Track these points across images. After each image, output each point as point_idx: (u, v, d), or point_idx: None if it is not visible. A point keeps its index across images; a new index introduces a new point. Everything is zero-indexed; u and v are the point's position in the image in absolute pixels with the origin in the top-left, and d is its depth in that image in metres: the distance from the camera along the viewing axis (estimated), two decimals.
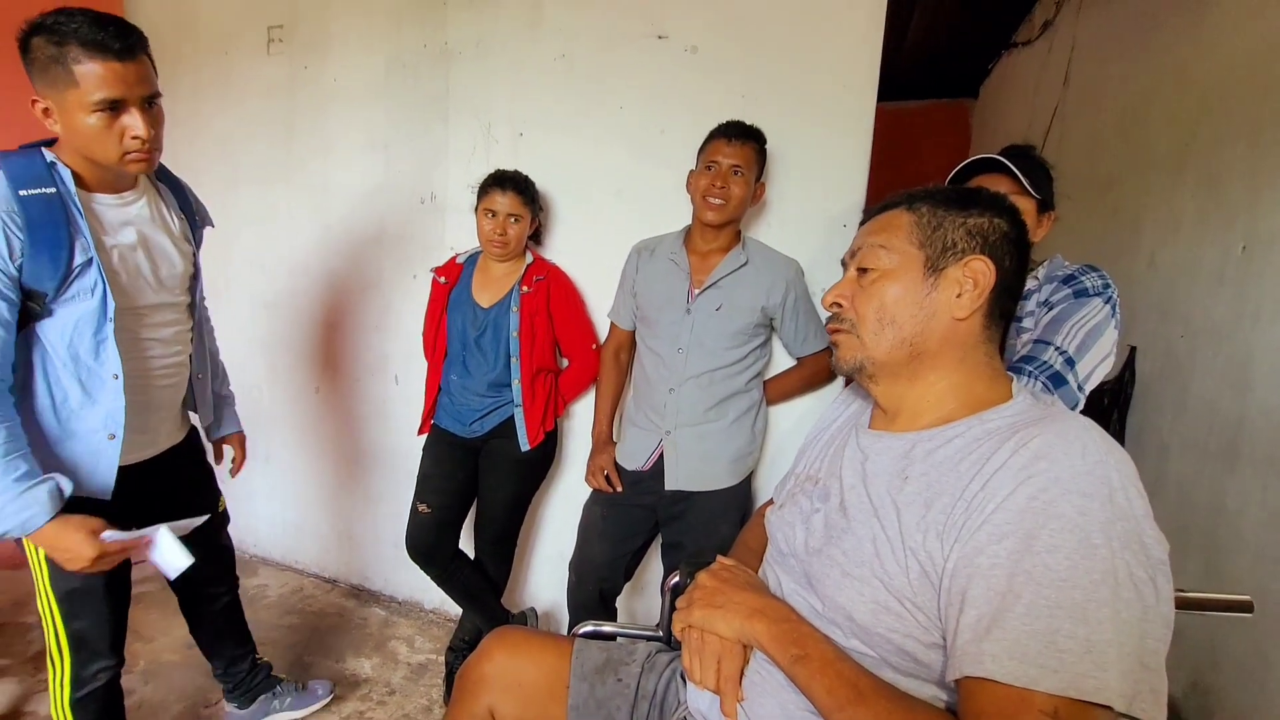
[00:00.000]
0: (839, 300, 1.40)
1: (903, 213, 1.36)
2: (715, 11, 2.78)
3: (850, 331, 1.38)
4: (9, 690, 2.99)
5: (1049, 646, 0.99)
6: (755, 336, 2.61)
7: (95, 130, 1.80)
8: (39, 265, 1.78)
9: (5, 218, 1.73)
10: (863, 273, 1.37)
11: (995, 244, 1.30)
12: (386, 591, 3.92)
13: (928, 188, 1.40)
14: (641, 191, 3.01)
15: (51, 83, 1.76)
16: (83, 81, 1.74)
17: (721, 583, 1.48)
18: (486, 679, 1.69)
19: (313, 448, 4.05)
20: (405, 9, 3.37)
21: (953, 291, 1.28)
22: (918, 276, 1.30)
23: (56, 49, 1.72)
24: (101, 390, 1.94)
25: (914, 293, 1.30)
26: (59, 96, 1.77)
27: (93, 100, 1.76)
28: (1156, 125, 3.51)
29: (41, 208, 1.78)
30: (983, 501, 1.10)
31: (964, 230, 1.30)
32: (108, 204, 1.97)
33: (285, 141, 3.81)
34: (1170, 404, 3.20)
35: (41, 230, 1.77)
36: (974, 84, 7.66)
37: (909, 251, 1.32)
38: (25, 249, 1.75)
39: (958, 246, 1.29)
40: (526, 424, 2.88)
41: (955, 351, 1.30)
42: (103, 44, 1.73)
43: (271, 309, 3.97)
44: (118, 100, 1.79)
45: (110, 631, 2.14)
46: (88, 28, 1.73)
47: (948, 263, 1.29)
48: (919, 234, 1.32)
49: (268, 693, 2.82)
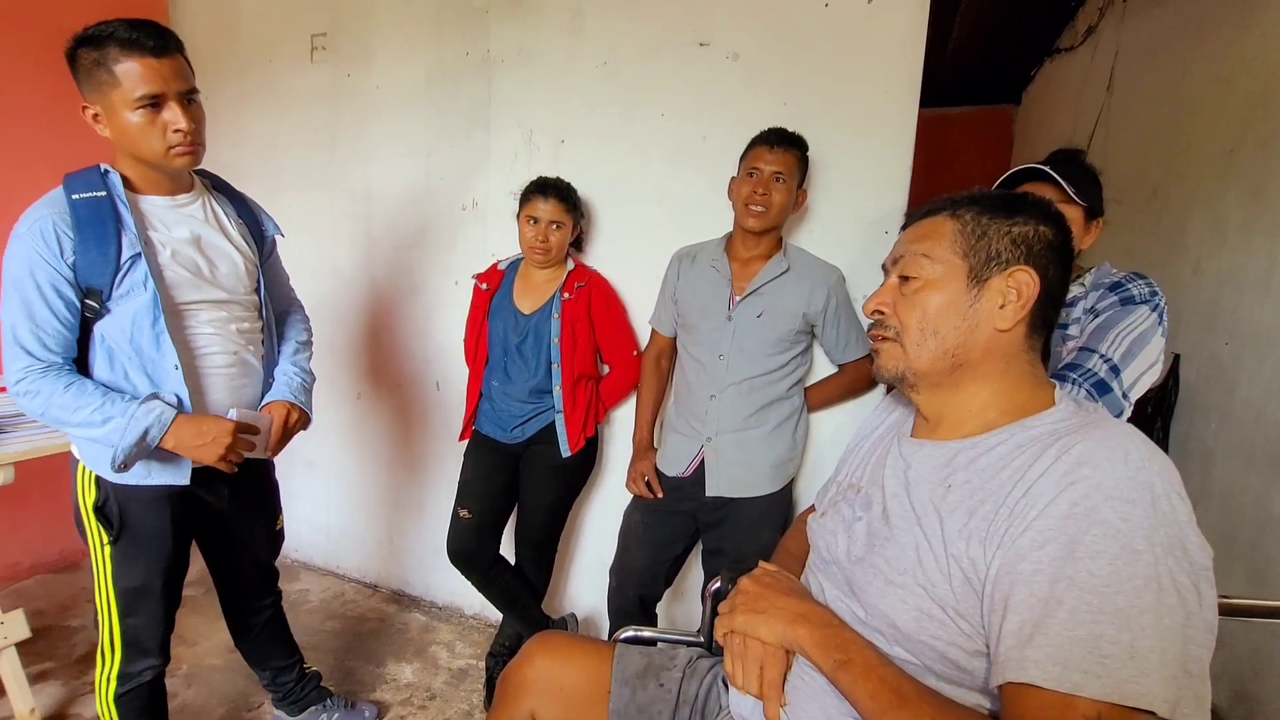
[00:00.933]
0: (881, 308, 1.40)
1: (946, 220, 1.34)
2: (757, 19, 2.77)
3: (894, 340, 1.37)
4: (54, 692, 3.03)
5: (1092, 652, 0.99)
6: (796, 343, 2.60)
7: (139, 126, 1.89)
8: (90, 261, 1.87)
9: (57, 219, 1.85)
10: (905, 280, 1.36)
11: (1040, 253, 1.28)
12: (427, 597, 3.94)
13: (972, 192, 1.38)
14: (683, 198, 3.00)
15: (97, 87, 1.87)
16: (124, 80, 1.85)
17: (764, 588, 1.48)
18: (528, 683, 1.71)
19: (354, 453, 4.08)
20: (447, 18, 3.39)
21: (996, 302, 1.27)
22: (961, 286, 1.29)
23: (98, 53, 1.84)
24: (166, 381, 2.01)
25: (957, 303, 1.29)
26: (105, 99, 1.88)
27: (134, 96, 1.86)
28: (1201, 132, 3.48)
29: (90, 209, 1.88)
30: (1025, 508, 1.11)
31: (1008, 239, 1.28)
32: (159, 204, 2.04)
33: (328, 148, 3.85)
34: (1215, 412, 3.17)
35: (89, 228, 1.87)
36: (1017, 90, 7.62)
37: (952, 261, 1.30)
38: (76, 247, 1.85)
39: (1002, 256, 1.27)
40: (567, 430, 2.88)
41: (997, 362, 1.30)
42: (138, 42, 1.84)
43: (314, 315, 3.93)
44: (157, 95, 1.88)
45: (161, 631, 2.20)
46: (124, 30, 1.84)
47: (991, 273, 1.28)
48: (962, 243, 1.30)
49: (318, 704, 2.84)
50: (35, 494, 2.11)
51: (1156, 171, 3.93)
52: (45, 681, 3.09)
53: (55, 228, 1.83)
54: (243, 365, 2.22)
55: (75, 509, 2.08)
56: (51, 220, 1.83)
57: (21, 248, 1.83)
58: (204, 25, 4.13)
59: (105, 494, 2.04)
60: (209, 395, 2.13)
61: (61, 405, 1.86)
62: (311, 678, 2.86)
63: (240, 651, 2.74)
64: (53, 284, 1.84)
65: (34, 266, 1.83)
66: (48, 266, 1.83)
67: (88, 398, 1.86)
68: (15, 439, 2.65)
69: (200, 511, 2.23)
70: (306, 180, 3.95)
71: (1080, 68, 5.42)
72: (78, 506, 2.06)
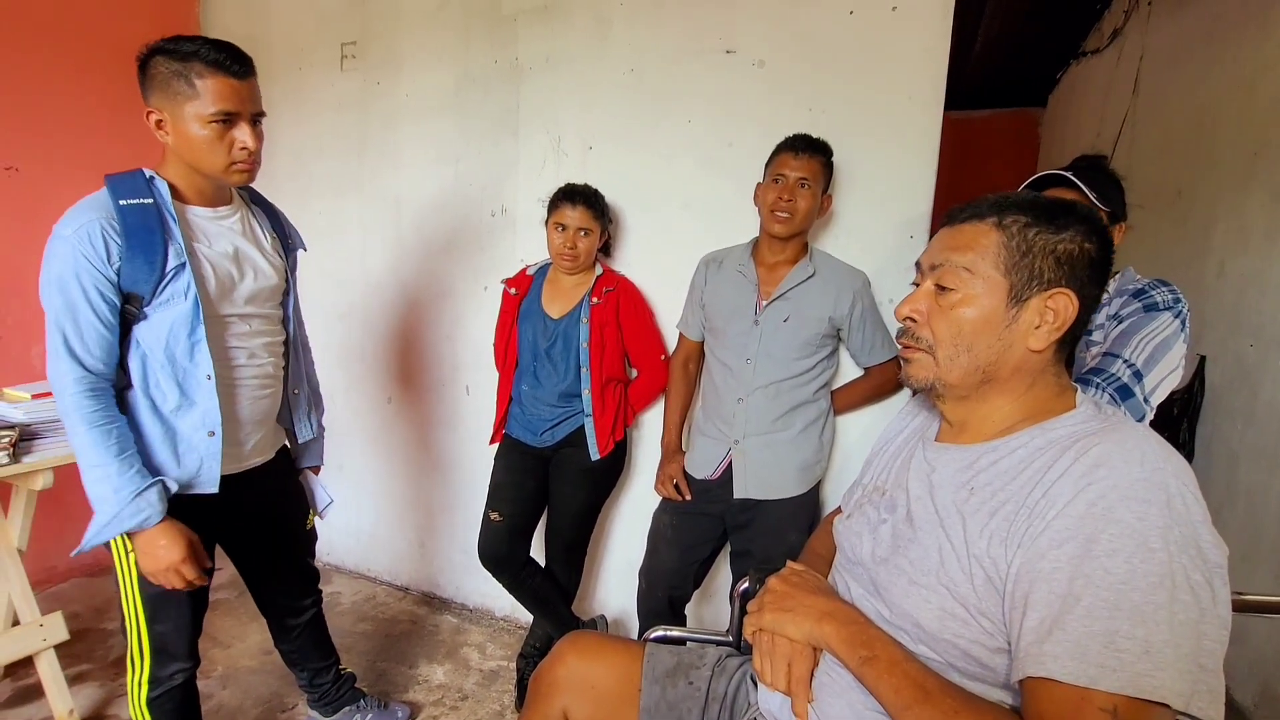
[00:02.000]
0: (914, 315, 1.38)
1: (992, 230, 1.29)
2: (782, 26, 2.79)
3: (926, 351, 1.36)
4: (91, 694, 3.07)
5: (1108, 647, 1.02)
6: (823, 347, 2.62)
7: (207, 140, 1.95)
8: (135, 268, 1.90)
9: (105, 224, 1.86)
10: (942, 290, 1.33)
11: (1081, 272, 1.26)
12: (458, 599, 3.97)
13: (1020, 197, 1.33)
14: (709, 204, 3.02)
15: (171, 96, 1.92)
16: (204, 94, 1.91)
17: (791, 587, 1.50)
18: (560, 682, 1.73)
19: (385, 457, 4.12)
20: (475, 26, 3.43)
21: (1032, 322, 1.26)
22: (1000, 305, 1.28)
23: (180, 64, 1.90)
24: (198, 391, 2.04)
25: (994, 322, 1.28)
26: (176, 109, 1.93)
27: (210, 112, 1.92)
28: (1226, 134, 3.48)
29: (138, 216, 1.91)
30: (1044, 508, 1.13)
31: (1053, 259, 1.25)
32: (202, 215, 2.08)
33: (358, 155, 3.89)
34: (1240, 413, 3.17)
35: (137, 235, 1.89)
36: (1042, 93, 7.60)
37: (994, 278, 1.28)
38: (123, 253, 1.88)
39: (1044, 276, 1.25)
40: (597, 434, 2.90)
41: (1026, 378, 1.30)
42: (223, 64, 1.92)
43: (345, 320, 4.04)
44: (232, 114, 1.95)
45: (189, 635, 2.22)
46: (209, 49, 1.91)
47: (1032, 293, 1.26)
48: (1006, 258, 1.27)
49: (351, 705, 2.86)
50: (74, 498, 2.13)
51: (1181, 174, 3.92)
52: (83, 683, 3.12)
53: (104, 233, 1.85)
54: (267, 378, 2.28)
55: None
56: (100, 224, 1.85)
57: (67, 250, 1.85)
58: (235, 34, 4.11)
59: None
60: (236, 406, 2.18)
61: (81, 443, 1.88)
62: (347, 679, 2.88)
63: (280, 652, 2.77)
64: (98, 288, 1.86)
65: (80, 270, 1.84)
66: (94, 270, 1.85)
67: (103, 453, 1.88)
68: (54, 444, 2.67)
69: (226, 515, 2.25)
70: (336, 186, 3.99)
71: (1105, 71, 5.41)
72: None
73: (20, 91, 3.63)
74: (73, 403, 1.87)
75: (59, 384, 1.88)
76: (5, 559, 2.78)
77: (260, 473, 2.34)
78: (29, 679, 3.03)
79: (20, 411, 2.67)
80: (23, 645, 2.78)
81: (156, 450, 2.02)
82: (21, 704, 2.99)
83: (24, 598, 2.79)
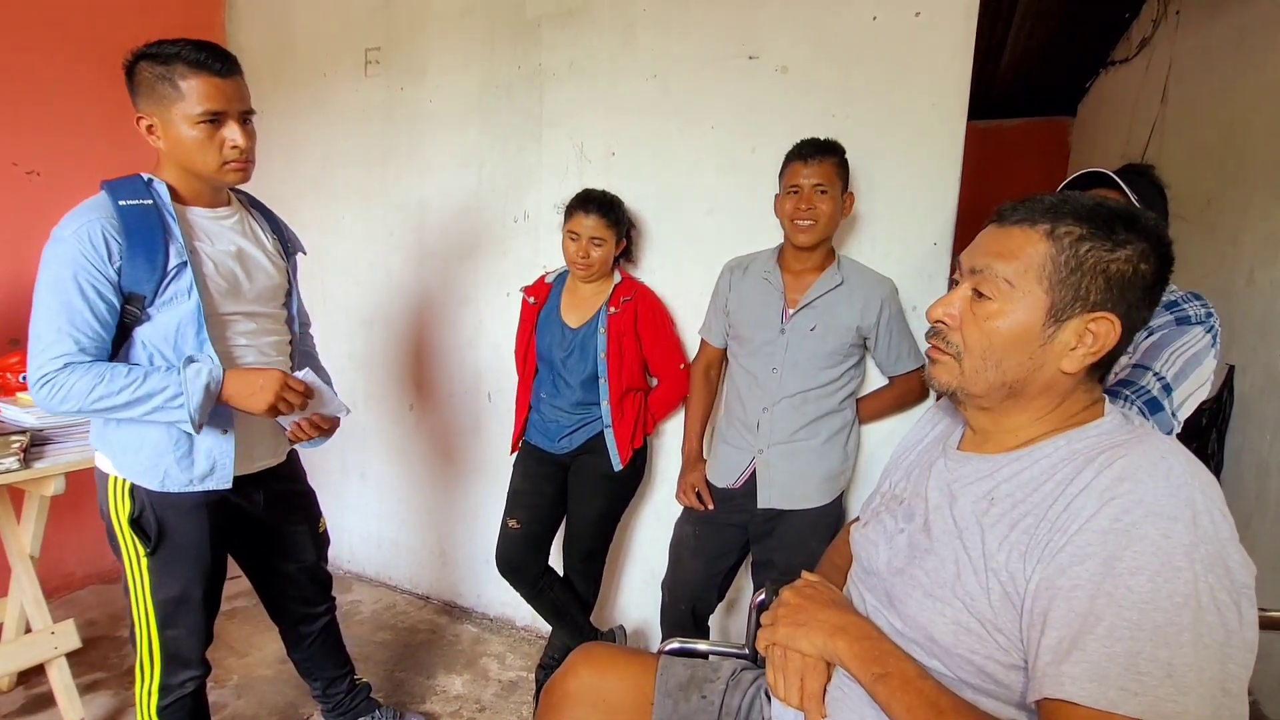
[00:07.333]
0: (947, 319, 1.32)
1: (1042, 240, 1.21)
2: (805, 32, 2.78)
3: (953, 356, 1.32)
4: (103, 703, 3.06)
5: (1129, 670, 0.99)
6: (850, 357, 2.59)
7: (197, 141, 1.97)
8: (137, 268, 1.90)
9: (105, 224, 1.88)
10: (979, 296, 1.27)
11: (1132, 295, 1.20)
12: (478, 608, 3.96)
13: (1080, 203, 1.23)
14: (733, 210, 3.01)
15: (158, 100, 1.94)
16: (189, 95, 1.93)
17: (805, 600, 1.48)
18: (572, 695, 1.71)
19: (406, 464, 4.11)
20: (499, 32, 3.43)
21: (1069, 343, 1.21)
22: (1037, 322, 1.22)
23: (164, 68, 1.91)
24: None
25: (1028, 340, 1.22)
26: (164, 112, 1.95)
27: (196, 112, 1.94)
28: (1255, 142, 3.45)
29: (138, 216, 1.92)
30: (1066, 522, 1.10)
31: (1103, 278, 1.18)
32: (202, 215, 2.10)
33: (381, 161, 3.90)
34: (1271, 423, 3.13)
35: (138, 235, 1.90)
36: (1072, 102, 7.59)
37: (1035, 293, 1.21)
38: (124, 252, 1.89)
39: (1090, 298, 1.19)
40: (616, 442, 2.89)
41: (1054, 399, 1.27)
42: (205, 63, 1.93)
43: (368, 326, 4.04)
44: (219, 113, 1.97)
45: (201, 642, 2.21)
46: (190, 50, 1.92)
47: (1074, 313, 1.20)
48: (1052, 273, 1.20)
49: (366, 716, 2.84)
50: (87, 504, 2.14)
51: (1210, 182, 3.89)
52: (96, 691, 3.11)
53: (104, 233, 1.86)
54: None
55: (107, 525, 2.09)
56: (100, 225, 1.86)
57: (65, 251, 1.85)
58: (260, 41, 4.21)
59: (141, 505, 2.05)
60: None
61: (104, 393, 1.85)
62: (362, 689, 2.87)
63: (293, 662, 2.76)
64: (95, 286, 1.86)
65: (77, 269, 1.84)
66: (92, 269, 1.85)
67: (126, 378, 1.88)
68: (66, 449, 2.67)
69: (237, 520, 2.26)
70: (360, 192, 3.99)
71: (1135, 79, 5.39)
72: (110, 522, 2.07)
73: (43, 98, 3.66)
74: (69, 377, 1.85)
75: (41, 372, 1.85)
76: (18, 565, 2.78)
77: (270, 476, 2.35)
78: (41, 687, 3.02)
79: (32, 416, 2.66)
80: (34, 653, 2.78)
81: (169, 450, 2.02)
82: (33, 712, 2.98)
83: (36, 604, 2.80)
